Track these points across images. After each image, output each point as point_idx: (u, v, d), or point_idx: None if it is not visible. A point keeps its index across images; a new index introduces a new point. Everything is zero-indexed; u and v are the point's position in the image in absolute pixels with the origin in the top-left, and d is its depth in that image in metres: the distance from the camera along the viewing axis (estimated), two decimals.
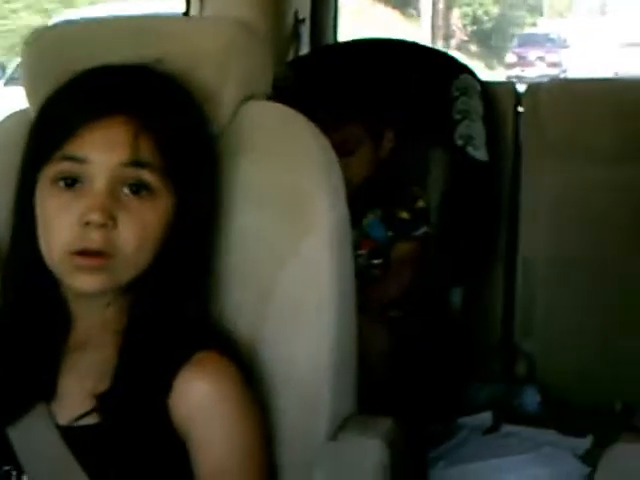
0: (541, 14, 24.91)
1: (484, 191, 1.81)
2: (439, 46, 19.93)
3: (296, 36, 2.04)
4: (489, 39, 20.64)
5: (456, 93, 1.82)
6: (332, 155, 0.98)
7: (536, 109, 1.90)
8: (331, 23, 2.20)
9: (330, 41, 2.19)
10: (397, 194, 1.71)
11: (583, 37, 23.44)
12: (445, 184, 1.79)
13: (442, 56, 1.92)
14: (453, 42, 19.60)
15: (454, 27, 20.45)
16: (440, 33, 19.38)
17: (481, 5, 20.87)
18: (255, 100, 1.01)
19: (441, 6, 19.57)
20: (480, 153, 1.79)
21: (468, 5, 20.60)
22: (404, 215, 1.69)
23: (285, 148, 0.97)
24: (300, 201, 0.94)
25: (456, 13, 20.68)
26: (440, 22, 19.58)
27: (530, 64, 18.60)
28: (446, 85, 1.83)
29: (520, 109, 1.94)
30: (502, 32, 21.24)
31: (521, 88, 1.99)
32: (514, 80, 17.86)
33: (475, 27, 20.53)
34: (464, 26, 20.41)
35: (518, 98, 1.94)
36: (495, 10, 21.58)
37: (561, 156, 1.87)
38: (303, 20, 2.07)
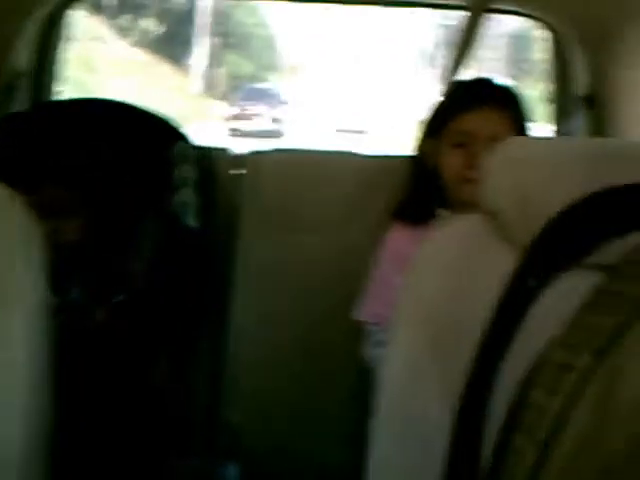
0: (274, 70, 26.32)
1: (197, 258, 1.81)
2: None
3: (13, 90, 1.97)
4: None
5: (172, 159, 1.81)
6: (33, 228, 0.96)
7: (255, 176, 1.95)
8: (51, 78, 2.14)
9: (51, 97, 2.13)
10: (105, 260, 1.66)
11: (309, 95, 24.92)
12: (159, 251, 1.76)
13: (160, 121, 1.87)
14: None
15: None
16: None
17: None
18: None
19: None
20: (194, 220, 1.79)
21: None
22: (108, 281, 1.65)
23: None
24: None
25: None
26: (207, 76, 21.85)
27: (252, 118, 19.31)
28: (162, 151, 1.81)
29: (234, 171, 1.97)
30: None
31: (241, 148, 2.03)
32: (237, 133, 18.29)
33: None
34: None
35: (234, 164, 1.97)
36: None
37: (276, 223, 1.93)
38: (23, 74, 2.01)
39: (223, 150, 1.99)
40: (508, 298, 0.73)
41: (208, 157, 1.91)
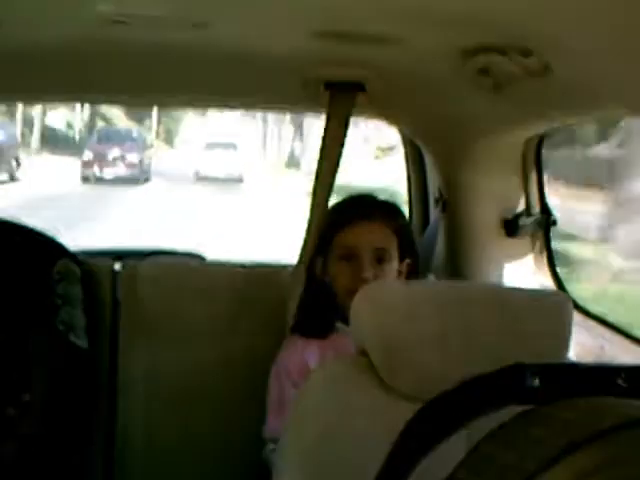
0: None
1: (84, 378, 1.83)
2: None
3: None
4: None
5: (56, 277, 1.83)
6: None
7: (133, 288, 1.99)
8: None
9: None
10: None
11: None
12: (49, 373, 1.77)
13: (44, 239, 1.90)
14: None
15: None
16: None
17: None
18: None
19: None
20: (81, 340, 1.82)
21: None
22: (10, 412, 1.64)
23: None
24: None
25: None
26: None
27: (109, 163, 18.28)
28: (46, 269, 1.83)
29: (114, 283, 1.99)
30: None
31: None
32: (91, 180, 17.46)
33: None
34: None
35: (115, 278, 2.00)
36: None
37: (155, 333, 1.98)
38: None
39: (106, 264, 2.03)
40: (393, 459, 0.82)
41: (91, 273, 1.95)
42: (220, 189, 17.78)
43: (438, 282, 1.74)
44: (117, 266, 2.03)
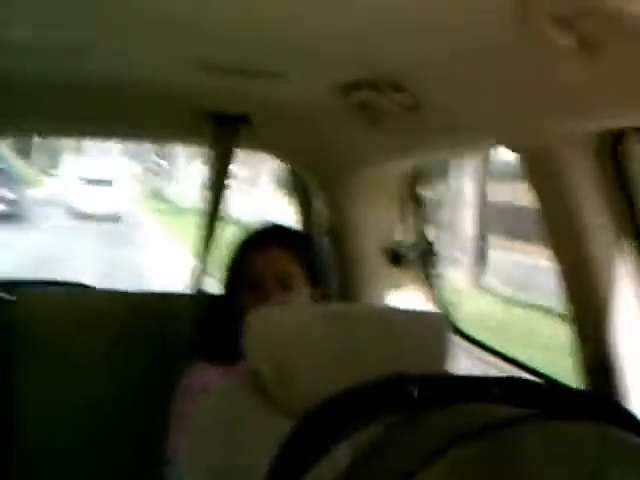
0: None
1: None
2: None
3: None
4: None
5: None
6: None
7: (26, 310, 1.99)
8: None
9: None
10: None
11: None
12: None
13: None
14: None
15: None
16: None
17: None
18: None
19: None
20: None
21: None
22: None
23: None
24: None
25: None
26: None
27: None
28: None
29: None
30: None
31: None
32: None
33: None
34: None
35: (6, 305, 1.99)
36: None
37: (49, 355, 1.98)
38: None
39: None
40: (276, 473, 0.85)
41: None
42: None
43: (326, 304, 1.79)
44: (9, 293, 2.02)
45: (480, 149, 3.08)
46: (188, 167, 26.25)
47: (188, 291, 2.00)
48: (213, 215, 1.96)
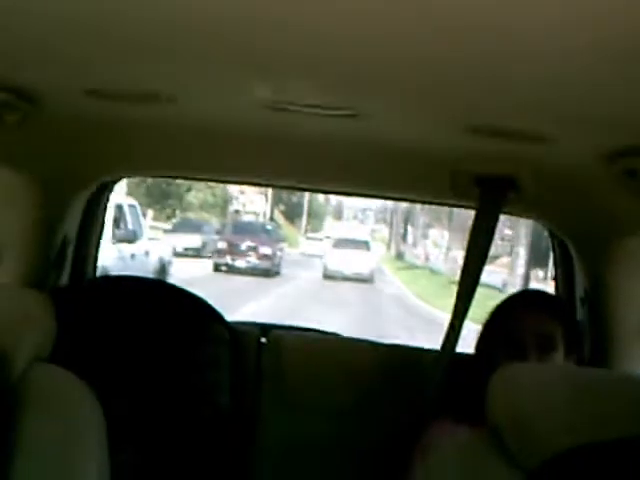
0: None
1: (224, 435, 1.92)
2: None
3: (61, 259, 2.09)
4: None
5: (208, 339, 1.95)
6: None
7: (276, 356, 2.07)
8: (94, 250, 2.28)
9: (91, 269, 2.28)
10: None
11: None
12: (192, 428, 1.87)
13: (199, 302, 2.02)
14: None
15: None
16: None
17: None
18: (40, 362, 1.15)
19: None
20: (224, 399, 1.92)
21: None
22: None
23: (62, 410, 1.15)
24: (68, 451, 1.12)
25: None
26: None
27: (241, 254, 18.78)
28: (199, 331, 1.95)
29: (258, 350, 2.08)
30: None
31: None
32: (223, 268, 17.69)
33: None
34: None
35: (260, 346, 2.10)
36: None
37: (298, 404, 2.05)
38: (69, 244, 2.13)
39: (254, 330, 2.13)
40: None
41: (239, 338, 2.06)
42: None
43: (572, 367, 1.74)
44: (263, 336, 2.13)
45: None
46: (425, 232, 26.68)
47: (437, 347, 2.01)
48: (472, 279, 1.96)
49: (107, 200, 2.32)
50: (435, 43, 1.01)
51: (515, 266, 19.34)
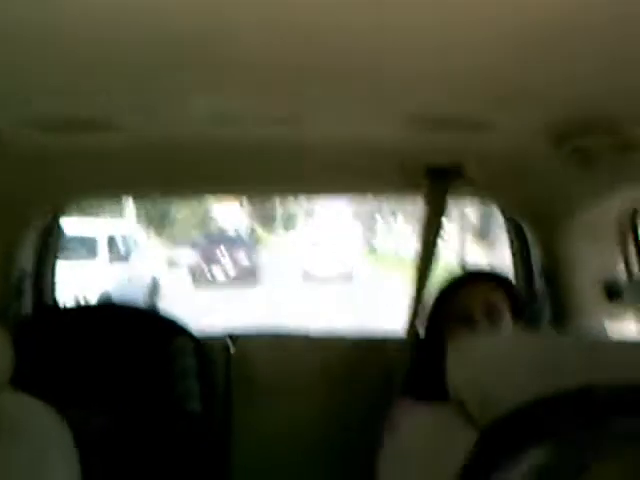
0: None
1: (199, 441, 1.98)
2: None
3: (20, 290, 2.11)
4: None
5: (173, 354, 2.00)
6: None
7: (244, 361, 2.13)
8: (50, 280, 2.30)
9: (49, 297, 2.29)
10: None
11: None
12: (168, 440, 1.92)
13: (161, 319, 2.08)
14: None
15: None
16: None
17: None
18: (5, 390, 1.16)
19: None
20: (196, 406, 1.97)
21: None
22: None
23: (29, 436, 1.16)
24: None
25: None
26: None
27: (219, 265, 18.38)
28: (164, 346, 2.00)
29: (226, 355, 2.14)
30: None
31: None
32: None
33: None
34: None
35: (228, 350, 2.14)
36: None
37: (264, 394, 2.12)
38: (26, 274, 2.14)
39: (222, 339, 2.17)
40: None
41: (205, 346, 2.10)
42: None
43: (523, 333, 1.78)
44: (230, 343, 2.16)
45: None
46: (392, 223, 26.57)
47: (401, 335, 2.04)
48: (426, 265, 1.99)
49: (60, 229, 2.34)
50: (365, 34, 1.03)
51: None
